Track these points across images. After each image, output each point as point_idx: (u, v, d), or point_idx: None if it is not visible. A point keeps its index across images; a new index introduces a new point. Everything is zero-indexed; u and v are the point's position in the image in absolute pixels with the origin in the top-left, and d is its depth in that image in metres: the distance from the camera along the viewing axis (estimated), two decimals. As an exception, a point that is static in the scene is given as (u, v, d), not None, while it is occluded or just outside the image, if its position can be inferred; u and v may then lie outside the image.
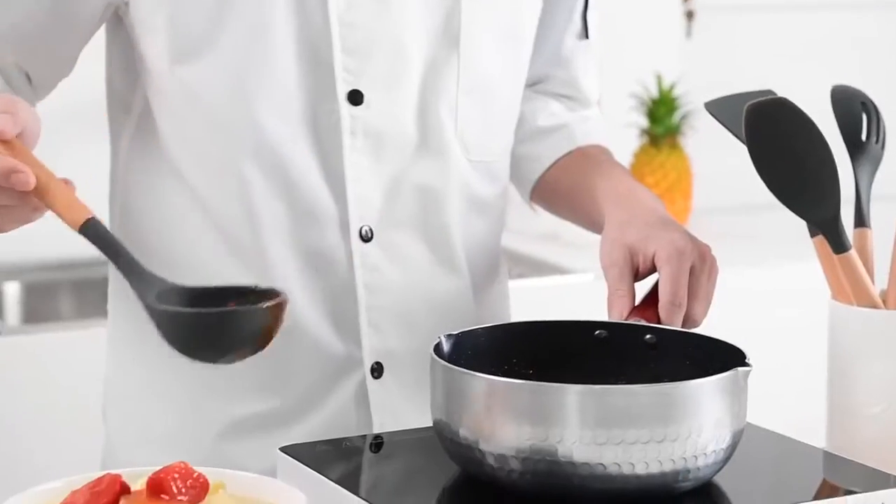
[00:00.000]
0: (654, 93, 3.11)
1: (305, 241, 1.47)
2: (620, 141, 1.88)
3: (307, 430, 1.48)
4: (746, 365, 1.20)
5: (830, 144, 1.34)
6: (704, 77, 3.05)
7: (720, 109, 1.47)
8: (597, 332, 1.34)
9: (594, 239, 1.49)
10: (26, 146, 1.20)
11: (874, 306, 1.40)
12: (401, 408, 1.50)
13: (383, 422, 1.49)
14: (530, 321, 1.34)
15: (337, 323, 1.49)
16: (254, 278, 1.46)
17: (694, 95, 3.00)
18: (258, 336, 1.12)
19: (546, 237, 2.93)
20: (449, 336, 1.27)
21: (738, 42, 3.42)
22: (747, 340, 1.31)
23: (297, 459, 1.24)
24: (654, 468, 1.14)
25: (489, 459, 1.16)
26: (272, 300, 1.13)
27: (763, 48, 3.43)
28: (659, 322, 1.35)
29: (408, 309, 1.50)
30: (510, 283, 1.67)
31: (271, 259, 1.46)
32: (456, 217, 1.52)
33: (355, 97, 1.45)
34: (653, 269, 1.39)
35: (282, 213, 1.46)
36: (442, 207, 1.51)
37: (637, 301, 1.39)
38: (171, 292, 1.15)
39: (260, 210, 1.46)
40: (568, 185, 1.60)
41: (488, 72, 1.51)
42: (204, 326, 1.12)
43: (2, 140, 1.17)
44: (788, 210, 1.38)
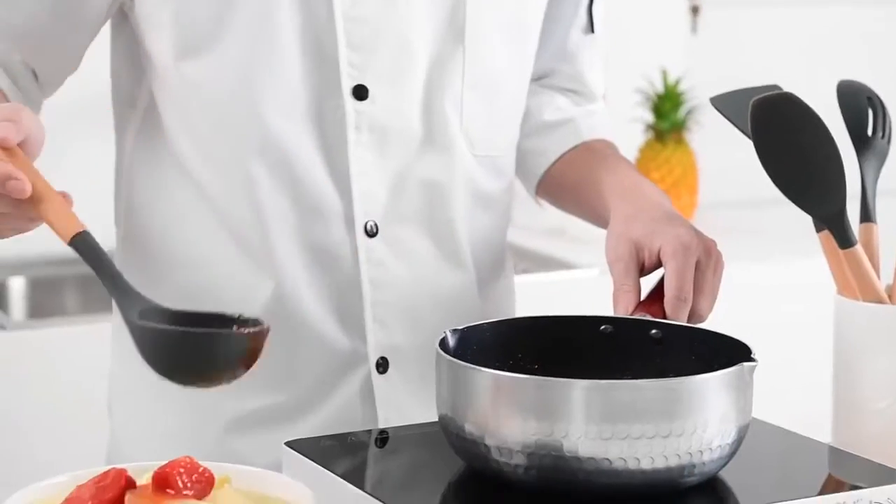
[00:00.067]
0: (660, 88, 3.11)
1: (310, 237, 1.47)
2: (626, 136, 1.88)
3: (312, 425, 1.48)
4: (752, 360, 1.20)
5: (836, 139, 1.34)
6: (710, 72, 3.04)
7: (726, 104, 1.47)
8: (602, 327, 1.33)
9: (599, 234, 1.49)
10: (29, 155, 1.18)
11: (880, 301, 1.40)
12: (406, 403, 1.50)
13: (388, 417, 1.49)
14: (536, 316, 1.34)
15: (342, 318, 1.49)
16: (258, 273, 1.46)
17: (699, 91, 3.00)
18: (237, 362, 1.10)
19: (551, 232, 2.93)
20: (454, 331, 1.27)
21: (744, 37, 3.42)
22: (753, 335, 1.30)
23: (303, 454, 1.24)
24: (660, 463, 1.14)
25: (494, 454, 1.16)
26: (254, 328, 1.10)
27: (768, 43, 3.43)
28: (664, 317, 1.35)
29: (413, 304, 1.50)
30: (515, 279, 1.67)
31: (276, 254, 1.46)
32: (461, 212, 1.52)
33: (360, 92, 1.45)
34: (658, 264, 1.39)
35: (287, 209, 1.46)
36: (447, 202, 1.51)
37: (643, 296, 1.39)
38: (154, 312, 1.12)
39: (265, 205, 1.46)
40: (574, 180, 1.60)
41: (494, 66, 1.51)
42: (183, 346, 1.09)
43: (3, 147, 1.16)
44: (794, 205, 1.38)
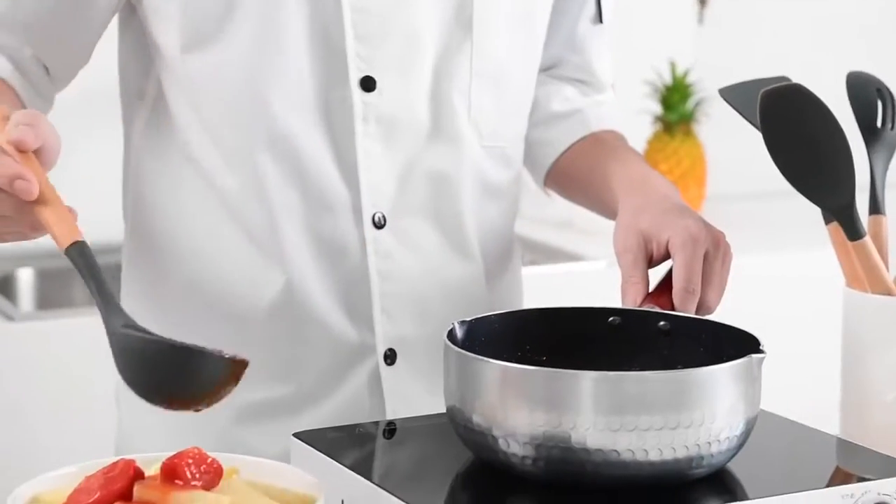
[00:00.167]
0: (668, 79, 3.11)
1: (318, 229, 1.47)
2: (634, 128, 1.88)
3: (320, 417, 1.48)
4: (760, 352, 1.20)
5: (845, 131, 1.34)
6: (718, 64, 3.04)
7: (735, 96, 1.47)
8: (610, 319, 1.33)
9: (607, 226, 1.49)
10: (44, 164, 1.17)
11: (889, 293, 1.40)
12: (414, 394, 1.50)
13: (396, 408, 1.49)
14: (544, 308, 1.34)
15: (350, 310, 1.49)
16: (267, 265, 1.46)
17: (707, 82, 2.99)
18: (215, 385, 1.07)
19: (559, 224, 2.93)
20: (462, 322, 1.27)
21: (752, 28, 3.41)
22: (761, 327, 1.30)
23: (311, 445, 1.24)
24: (668, 455, 1.14)
25: (502, 446, 1.16)
26: (236, 356, 1.08)
27: (777, 34, 3.42)
28: (673, 309, 1.35)
29: (421, 296, 1.50)
30: (523, 271, 1.67)
31: (285, 246, 1.46)
32: (469, 203, 1.52)
33: (368, 84, 1.45)
34: (667, 256, 1.39)
35: (295, 201, 1.46)
36: (455, 194, 1.51)
37: (651, 288, 1.39)
38: (137, 330, 1.09)
39: (273, 197, 1.46)
40: (582, 171, 1.60)
41: (502, 57, 1.51)
42: (164, 359, 1.07)
43: (20, 150, 1.16)
44: (803, 197, 1.38)
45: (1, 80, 1.43)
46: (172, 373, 1.07)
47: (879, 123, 1.46)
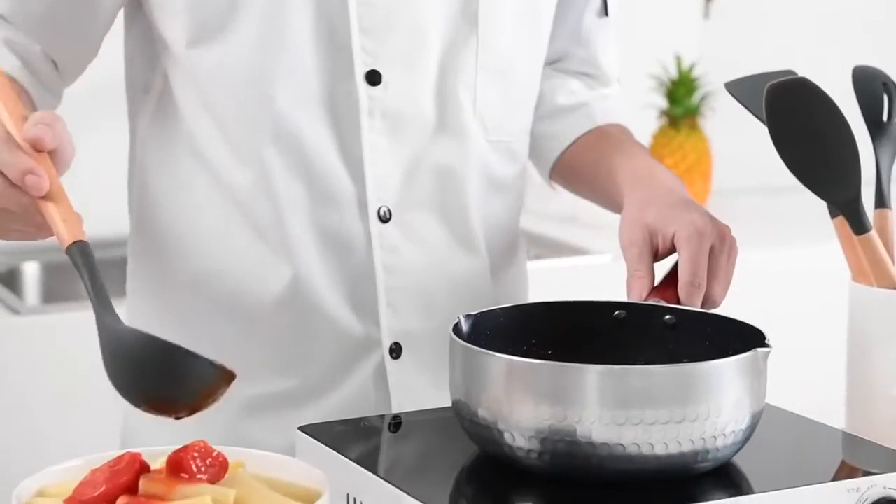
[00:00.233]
0: (674, 73, 3.10)
1: (324, 223, 1.47)
2: (639, 122, 1.88)
3: (326, 410, 1.48)
4: (766, 346, 1.20)
5: (851, 125, 1.34)
6: (723, 58, 3.04)
7: (741, 90, 1.47)
8: (616, 313, 1.33)
9: (613, 220, 1.49)
10: (58, 165, 1.16)
11: (895, 287, 1.40)
12: (419, 388, 1.50)
13: (401, 402, 1.49)
14: (549, 302, 1.34)
15: (356, 304, 1.49)
16: (274, 259, 1.46)
17: (713, 76, 2.99)
18: (198, 391, 1.06)
19: (564, 218, 2.93)
20: (468, 316, 1.27)
21: (758, 22, 3.41)
22: (767, 321, 1.30)
23: (316, 439, 1.24)
24: (674, 449, 1.14)
25: (508, 439, 1.16)
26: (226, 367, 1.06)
27: (782, 28, 3.42)
28: (678, 303, 1.35)
29: (426, 289, 1.50)
30: (528, 265, 1.67)
31: (291, 240, 1.46)
32: (474, 197, 1.52)
33: (373, 78, 1.45)
34: (672, 250, 1.39)
35: (300, 195, 1.46)
36: (460, 188, 1.51)
37: (656, 281, 1.38)
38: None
39: (279, 191, 1.46)
40: (588, 165, 1.60)
41: (507, 51, 1.51)
42: (150, 354, 1.06)
43: (36, 148, 1.16)
44: (809, 191, 1.38)
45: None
46: (159, 371, 1.06)
47: (886, 117, 1.46)
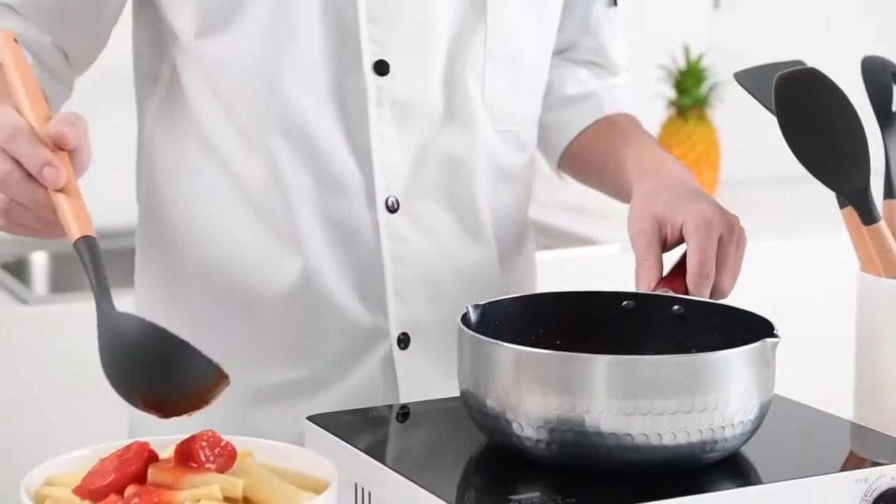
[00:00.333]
0: (682, 64, 3.10)
1: (332, 213, 1.47)
2: (647, 112, 1.88)
3: (334, 400, 1.48)
4: (774, 336, 1.19)
5: (860, 115, 1.33)
6: (732, 48, 3.03)
7: (750, 80, 1.47)
8: (624, 303, 1.33)
9: (621, 210, 1.49)
10: (77, 167, 1.15)
11: (903, 278, 1.40)
12: (427, 378, 1.50)
13: (410, 392, 1.49)
14: (558, 292, 1.34)
15: (364, 294, 1.49)
16: (282, 249, 1.46)
17: (721, 66, 2.99)
18: (194, 388, 1.05)
19: (573, 208, 2.93)
20: (476, 306, 1.27)
21: (767, 12, 3.40)
22: (775, 311, 1.30)
23: (325, 428, 1.24)
24: (682, 439, 1.14)
25: (516, 429, 1.16)
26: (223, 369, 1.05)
27: (792, 18, 3.41)
28: (687, 293, 1.35)
29: (434, 279, 1.50)
30: (537, 255, 1.67)
31: (299, 230, 1.46)
32: (483, 187, 1.52)
33: (381, 67, 1.45)
34: (681, 240, 1.39)
35: (308, 185, 1.46)
36: (469, 177, 1.51)
37: (665, 272, 1.38)
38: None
39: (287, 181, 1.45)
40: (596, 155, 1.60)
41: (515, 40, 1.51)
42: (148, 346, 1.05)
43: (59, 146, 1.16)
44: (818, 181, 1.38)
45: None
46: (155, 363, 1.05)
47: (894, 108, 1.46)
